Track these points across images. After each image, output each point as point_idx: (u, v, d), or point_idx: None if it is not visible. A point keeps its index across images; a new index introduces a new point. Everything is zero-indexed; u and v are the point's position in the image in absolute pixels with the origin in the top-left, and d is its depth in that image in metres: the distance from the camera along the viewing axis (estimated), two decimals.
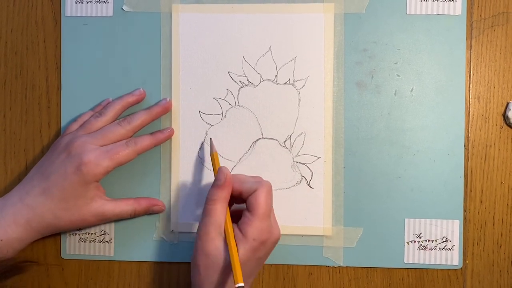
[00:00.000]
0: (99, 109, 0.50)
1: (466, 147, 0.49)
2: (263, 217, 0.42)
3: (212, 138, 0.50)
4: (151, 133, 0.49)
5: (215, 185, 0.44)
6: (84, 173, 0.45)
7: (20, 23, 0.52)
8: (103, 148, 0.46)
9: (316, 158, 0.50)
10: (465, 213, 0.49)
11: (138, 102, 0.50)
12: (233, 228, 0.43)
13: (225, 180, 0.43)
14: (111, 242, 0.51)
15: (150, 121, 0.49)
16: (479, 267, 0.49)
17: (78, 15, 0.51)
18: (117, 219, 0.49)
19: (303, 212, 0.50)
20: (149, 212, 0.50)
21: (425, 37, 0.49)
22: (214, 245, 0.42)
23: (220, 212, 0.43)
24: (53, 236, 0.50)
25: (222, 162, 0.50)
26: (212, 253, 0.42)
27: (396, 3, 0.49)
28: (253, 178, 0.45)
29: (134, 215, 0.49)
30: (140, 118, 0.48)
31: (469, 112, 0.50)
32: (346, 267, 0.50)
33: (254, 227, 0.42)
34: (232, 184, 0.44)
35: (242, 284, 0.39)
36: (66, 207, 0.45)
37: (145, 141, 0.48)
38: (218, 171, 0.44)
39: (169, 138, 0.50)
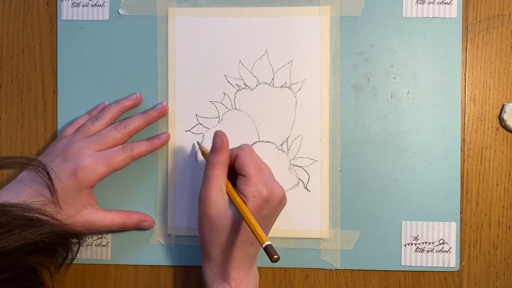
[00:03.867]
0: (95, 113, 0.50)
1: (462, 149, 0.50)
2: (255, 175, 0.43)
3: (198, 141, 0.50)
4: (148, 139, 0.49)
5: (213, 150, 0.44)
6: (80, 178, 0.45)
7: (16, 26, 0.52)
8: (99, 154, 0.46)
9: (313, 161, 0.50)
10: (461, 215, 0.49)
11: (134, 106, 0.50)
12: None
13: (221, 143, 0.44)
14: (108, 246, 0.51)
15: (147, 125, 0.49)
16: (475, 269, 0.49)
17: (74, 19, 0.51)
18: (106, 230, 0.48)
19: (300, 215, 0.50)
20: (138, 227, 0.49)
21: (421, 40, 0.50)
22: (216, 207, 0.43)
23: (220, 175, 0.44)
24: None
25: None
26: (215, 216, 0.43)
27: (392, 6, 0.50)
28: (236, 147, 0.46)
29: (123, 228, 0.49)
30: (136, 122, 0.48)
31: (465, 114, 0.50)
32: (343, 269, 0.50)
33: (250, 185, 0.42)
34: (229, 147, 0.45)
35: (270, 242, 0.39)
36: (58, 211, 0.44)
37: (141, 147, 0.48)
38: (214, 135, 0.45)
39: (165, 143, 0.50)
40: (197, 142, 0.50)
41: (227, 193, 0.44)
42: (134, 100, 0.50)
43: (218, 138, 0.44)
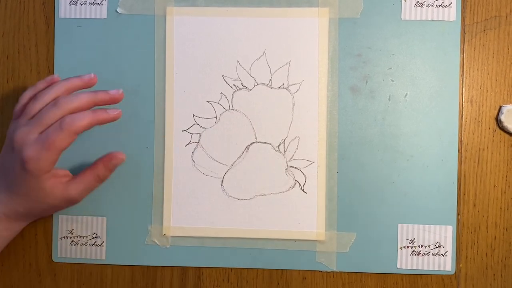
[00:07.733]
0: (41, 86, 0.46)
1: (459, 150, 0.50)
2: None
3: None
4: (92, 110, 0.44)
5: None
6: (30, 171, 0.42)
7: (11, 27, 0.51)
8: (39, 138, 0.42)
9: (310, 162, 0.50)
10: (459, 216, 0.49)
11: (86, 87, 0.46)
12: None
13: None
14: (102, 246, 0.50)
15: (92, 105, 0.44)
16: (472, 271, 0.49)
17: (72, 16, 0.51)
18: (88, 193, 0.46)
19: (297, 217, 0.50)
20: (113, 168, 0.46)
21: (420, 43, 0.49)
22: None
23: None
24: (44, 239, 0.50)
25: (215, 166, 0.50)
26: None
27: (390, 8, 0.50)
28: None
29: (101, 181, 0.46)
30: (80, 100, 0.43)
31: (462, 116, 0.50)
32: (340, 272, 0.50)
33: None
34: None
35: None
36: (32, 200, 0.44)
37: (83, 119, 0.42)
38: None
39: (113, 120, 0.45)
40: None
41: None
42: (87, 81, 0.45)
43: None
